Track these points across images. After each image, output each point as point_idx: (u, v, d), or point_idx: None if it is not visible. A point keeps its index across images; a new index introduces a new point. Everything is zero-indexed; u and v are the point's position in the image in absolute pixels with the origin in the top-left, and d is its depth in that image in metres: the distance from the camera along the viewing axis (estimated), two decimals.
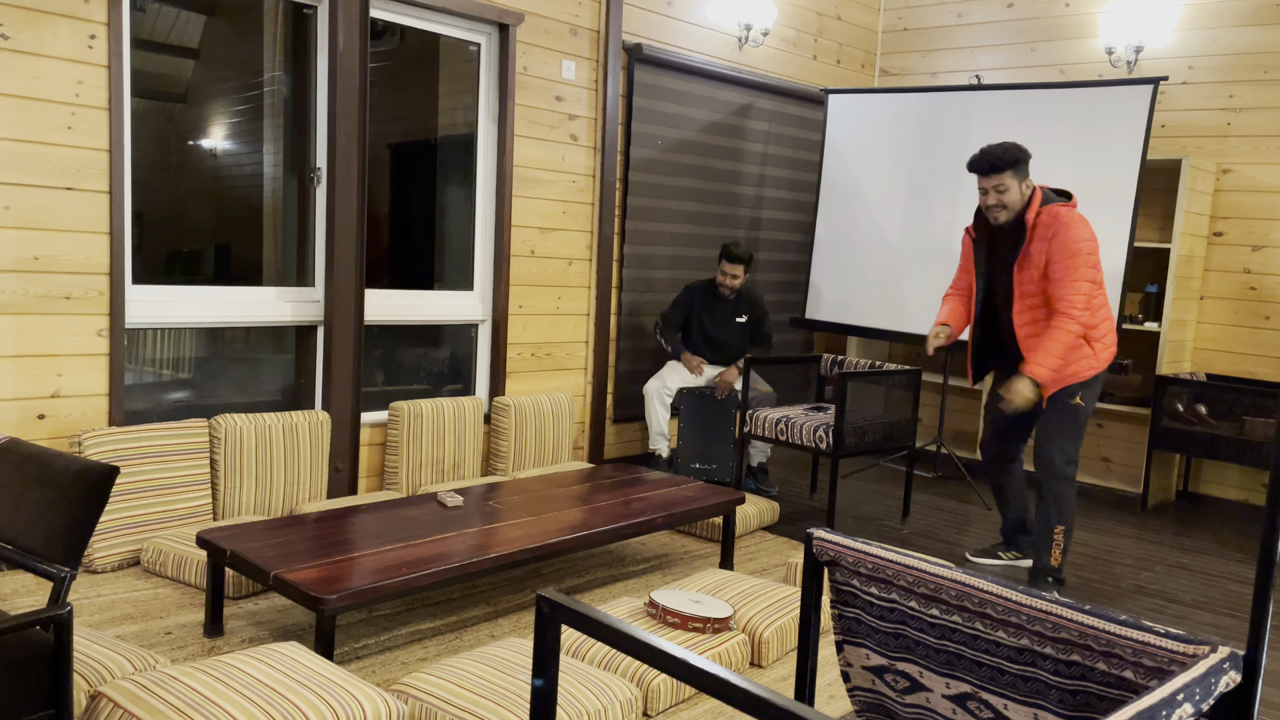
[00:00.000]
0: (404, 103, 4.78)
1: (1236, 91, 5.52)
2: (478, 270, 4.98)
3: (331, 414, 4.27)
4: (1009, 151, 3.66)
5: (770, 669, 3.10)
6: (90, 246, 3.63)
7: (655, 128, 5.51)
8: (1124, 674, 1.54)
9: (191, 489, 3.79)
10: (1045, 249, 3.66)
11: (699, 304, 5.24)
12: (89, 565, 3.51)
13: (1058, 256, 3.62)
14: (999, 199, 3.71)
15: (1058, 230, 3.63)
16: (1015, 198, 3.70)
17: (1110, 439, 6.01)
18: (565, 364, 5.30)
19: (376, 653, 3.03)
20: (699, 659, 1.27)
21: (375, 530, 3.20)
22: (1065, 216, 3.64)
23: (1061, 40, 6.16)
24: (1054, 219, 3.65)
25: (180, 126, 4.03)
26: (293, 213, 4.38)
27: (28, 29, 3.43)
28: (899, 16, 6.89)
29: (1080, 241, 3.60)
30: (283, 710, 2.18)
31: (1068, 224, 3.63)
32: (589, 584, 3.74)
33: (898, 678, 1.92)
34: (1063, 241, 3.61)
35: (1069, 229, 3.62)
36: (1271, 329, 5.44)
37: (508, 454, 4.84)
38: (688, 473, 5.13)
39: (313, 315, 4.35)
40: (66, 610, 1.97)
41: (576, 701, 2.46)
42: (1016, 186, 3.69)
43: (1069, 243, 3.60)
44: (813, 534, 1.96)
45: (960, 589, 1.72)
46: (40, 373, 3.56)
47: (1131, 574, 4.32)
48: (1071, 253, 3.60)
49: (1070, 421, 3.81)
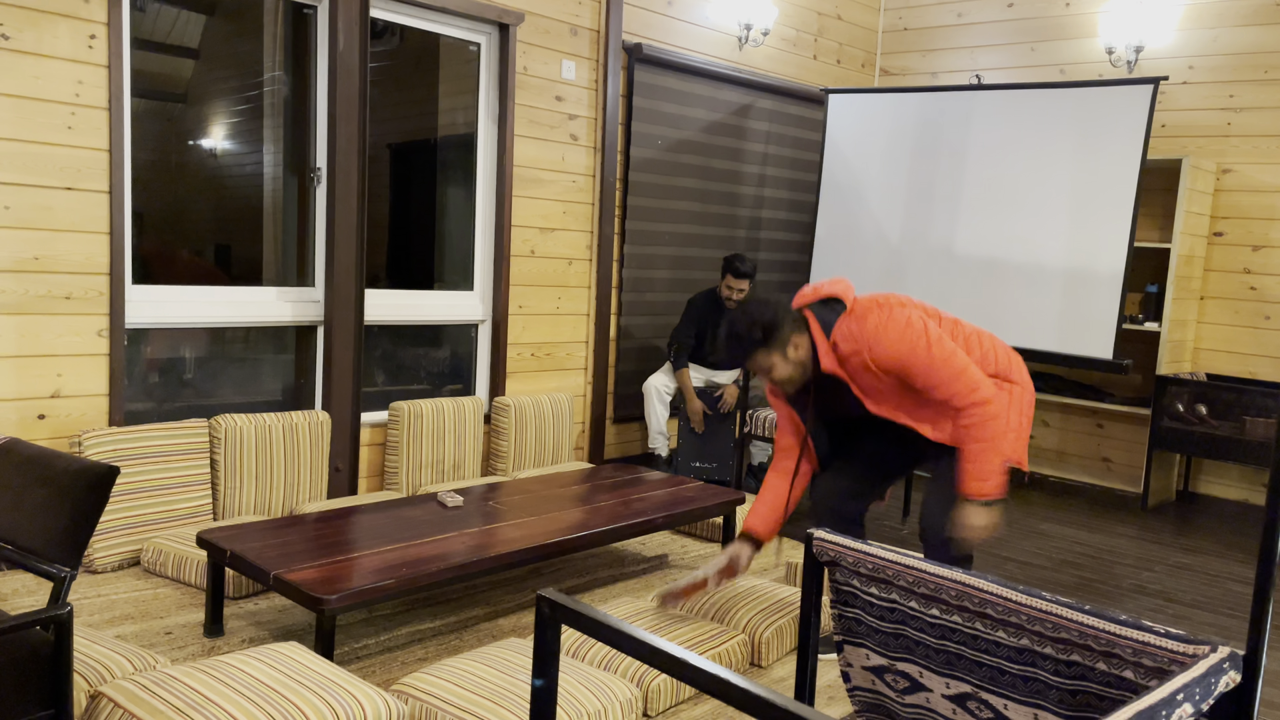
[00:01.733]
0: (404, 103, 4.78)
1: (1237, 91, 5.51)
2: (478, 270, 4.98)
3: (331, 414, 4.27)
4: (749, 333, 2.85)
5: (770, 669, 3.10)
6: (90, 246, 3.63)
7: (655, 128, 5.51)
8: (1124, 674, 1.54)
9: (191, 489, 3.79)
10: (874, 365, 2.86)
11: (702, 315, 5.25)
12: (89, 565, 3.51)
13: (897, 367, 2.83)
14: (773, 379, 2.93)
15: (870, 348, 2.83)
16: (787, 369, 2.89)
17: (1110, 439, 6.01)
18: (565, 364, 5.30)
19: (376, 653, 3.03)
20: (699, 659, 1.27)
21: (375, 530, 3.20)
22: (856, 335, 2.84)
23: (1061, 40, 6.16)
24: (851, 341, 2.85)
25: (180, 126, 4.03)
26: (293, 213, 4.38)
27: (28, 29, 3.43)
28: (899, 16, 6.89)
29: (902, 330, 2.81)
30: (283, 710, 2.18)
31: (868, 342, 2.83)
32: (589, 584, 3.74)
33: (898, 678, 1.92)
34: (886, 353, 2.81)
35: (881, 341, 2.82)
36: (1272, 329, 5.43)
37: (508, 454, 4.84)
38: (688, 472, 5.13)
39: (313, 315, 4.35)
40: (66, 610, 1.97)
41: (576, 701, 2.46)
42: (781, 358, 2.88)
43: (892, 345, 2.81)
44: (813, 534, 1.96)
45: (960, 589, 1.72)
46: (40, 373, 3.56)
47: (1131, 574, 4.32)
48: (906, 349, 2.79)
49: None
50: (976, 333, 3.02)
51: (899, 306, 2.86)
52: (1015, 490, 5.81)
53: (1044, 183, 5.18)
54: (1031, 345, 5.18)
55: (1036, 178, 5.21)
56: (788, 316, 2.90)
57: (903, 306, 2.87)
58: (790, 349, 2.88)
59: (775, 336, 2.86)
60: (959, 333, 3.00)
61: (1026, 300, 5.21)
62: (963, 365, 2.78)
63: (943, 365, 2.78)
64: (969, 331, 3.01)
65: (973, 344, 2.98)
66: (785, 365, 2.89)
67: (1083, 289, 5.04)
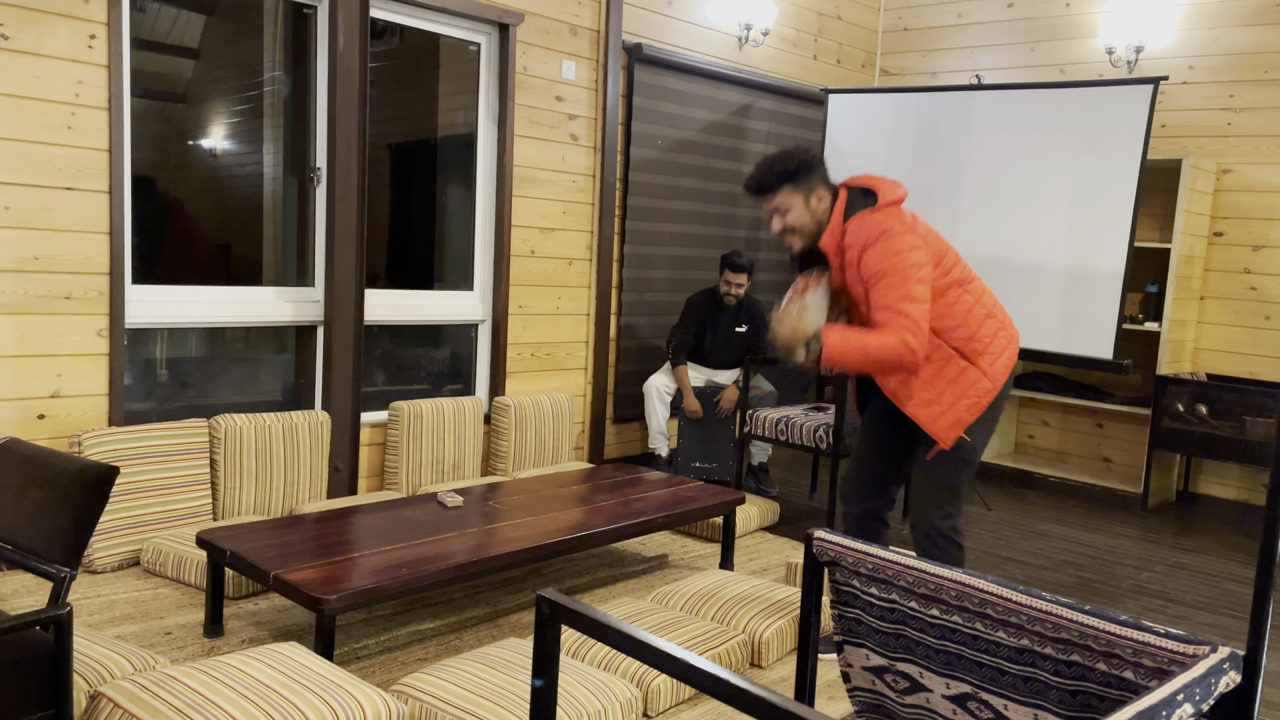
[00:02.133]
0: (404, 103, 4.78)
1: (1237, 91, 5.51)
2: (478, 270, 4.98)
3: (331, 414, 4.27)
4: (782, 162, 2.90)
5: (770, 669, 3.10)
6: (90, 246, 3.63)
7: (655, 128, 5.51)
8: (1124, 674, 1.54)
9: (191, 489, 3.79)
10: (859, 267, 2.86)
11: (701, 314, 5.25)
12: (89, 565, 3.51)
13: (870, 278, 2.81)
14: (783, 222, 2.94)
15: (862, 250, 2.82)
16: (802, 216, 2.91)
17: (1110, 439, 6.01)
18: (565, 364, 5.30)
19: (376, 653, 3.03)
20: (699, 659, 1.27)
21: (375, 530, 3.19)
22: (870, 230, 2.82)
23: (1061, 40, 6.16)
24: (858, 234, 2.84)
25: (180, 126, 4.03)
26: (293, 213, 4.38)
27: (28, 29, 3.43)
28: (899, 16, 6.89)
29: (893, 254, 2.77)
30: (283, 710, 2.18)
31: (871, 240, 2.81)
32: (589, 584, 3.74)
33: (898, 678, 1.92)
34: (871, 260, 2.80)
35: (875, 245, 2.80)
36: (1272, 329, 5.43)
37: (508, 454, 4.84)
38: (688, 472, 5.13)
39: (313, 315, 4.35)
40: (66, 610, 1.97)
41: (576, 702, 2.46)
42: (800, 203, 2.89)
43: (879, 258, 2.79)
44: (813, 534, 1.96)
45: (960, 589, 1.72)
46: (40, 373, 3.56)
47: (1131, 574, 4.32)
48: (885, 266, 2.77)
49: (953, 464, 2.92)
50: (979, 299, 2.92)
51: (910, 234, 2.80)
52: (1012, 493, 5.82)
53: (1044, 183, 5.18)
54: (1032, 345, 5.18)
55: (1036, 178, 5.21)
56: (824, 171, 2.93)
57: (916, 238, 2.80)
58: (813, 199, 2.89)
59: (805, 177, 2.88)
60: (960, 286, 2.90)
61: (1026, 300, 5.21)
62: (909, 313, 2.74)
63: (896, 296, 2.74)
64: (974, 294, 2.92)
65: (959, 307, 2.89)
66: (802, 213, 2.90)
67: (1083, 289, 5.04)
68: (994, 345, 2.90)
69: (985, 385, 2.87)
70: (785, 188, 2.89)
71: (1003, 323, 2.96)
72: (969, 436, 2.90)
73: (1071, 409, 6.16)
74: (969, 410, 2.86)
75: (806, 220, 2.91)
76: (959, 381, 2.86)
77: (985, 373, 2.87)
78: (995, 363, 2.89)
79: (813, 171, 2.89)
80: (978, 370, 2.87)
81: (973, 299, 2.91)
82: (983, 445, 2.95)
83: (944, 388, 2.87)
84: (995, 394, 2.89)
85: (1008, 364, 2.92)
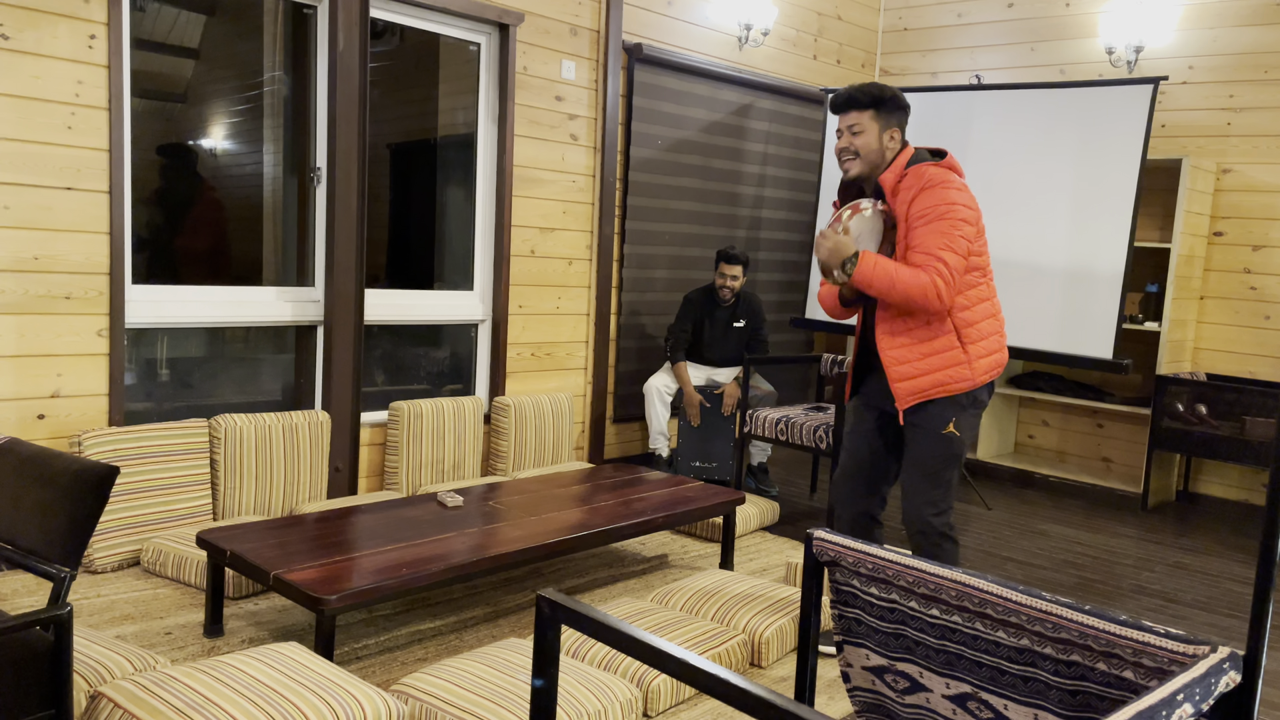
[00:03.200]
0: (404, 103, 4.78)
1: (1236, 91, 5.51)
2: (478, 270, 4.98)
3: (331, 414, 4.27)
4: (878, 88, 2.92)
5: (770, 669, 3.10)
6: (90, 246, 3.63)
7: (655, 127, 5.51)
8: (1124, 674, 1.54)
9: (191, 489, 3.79)
10: (906, 216, 2.88)
11: (699, 311, 5.25)
12: (89, 565, 3.51)
13: (917, 220, 2.83)
14: (850, 141, 2.94)
15: (919, 191, 2.84)
16: (872, 143, 2.92)
17: (1110, 439, 6.01)
18: (565, 364, 5.30)
19: (376, 653, 3.03)
20: (699, 659, 1.27)
21: (375, 530, 3.20)
22: (932, 175, 2.85)
23: (1061, 40, 6.16)
24: (918, 179, 2.86)
25: (180, 126, 4.03)
26: (293, 213, 4.38)
27: (28, 29, 3.43)
28: (899, 16, 6.89)
29: (947, 204, 2.80)
30: (283, 710, 2.18)
31: (932, 183, 2.83)
32: (589, 584, 3.74)
33: (898, 678, 1.92)
34: (924, 201, 2.82)
35: (934, 189, 2.82)
36: (1272, 329, 5.44)
37: (508, 454, 4.84)
38: (688, 472, 5.14)
39: (313, 315, 4.35)
40: (66, 610, 1.97)
41: (576, 702, 2.46)
42: (876, 132, 2.92)
43: (932, 201, 2.81)
44: (813, 534, 1.96)
45: (960, 589, 1.72)
46: (40, 373, 3.56)
47: (1131, 574, 4.32)
48: (934, 212, 2.80)
49: (941, 459, 2.94)
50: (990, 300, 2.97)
51: (967, 193, 2.86)
52: (1012, 493, 5.82)
53: (1044, 182, 5.18)
54: (1031, 345, 5.18)
55: (1036, 178, 5.21)
56: (906, 119, 2.97)
57: (971, 201, 2.86)
58: (887, 135, 2.93)
59: (892, 111, 2.92)
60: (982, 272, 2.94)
61: (1026, 300, 5.21)
62: (947, 260, 2.79)
63: (944, 237, 2.79)
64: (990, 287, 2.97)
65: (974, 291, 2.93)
66: (872, 140, 2.93)
67: (1083, 289, 5.04)
68: (987, 342, 2.94)
69: (963, 373, 2.89)
70: (870, 111, 2.92)
71: (1000, 327, 3.00)
72: (956, 430, 2.92)
73: (1071, 409, 6.16)
74: (935, 386, 2.89)
75: (874, 150, 2.94)
76: (940, 355, 2.89)
77: (969, 362, 2.90)
78: (981, 358, 2.92)
79: (900, 110, 2.94)
80: (965, 356, 2.90)
81: (989, 290, 2.96)
82: (968, 441, 2.97)
83: (925, 354, 2.90)
84: (970, 387, 2.91)
85: (991, 366, 2.95)
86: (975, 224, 2.86)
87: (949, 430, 2.91)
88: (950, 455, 2.94)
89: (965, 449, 2.96)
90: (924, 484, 2.96)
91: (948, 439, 2.92)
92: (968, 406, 2.94)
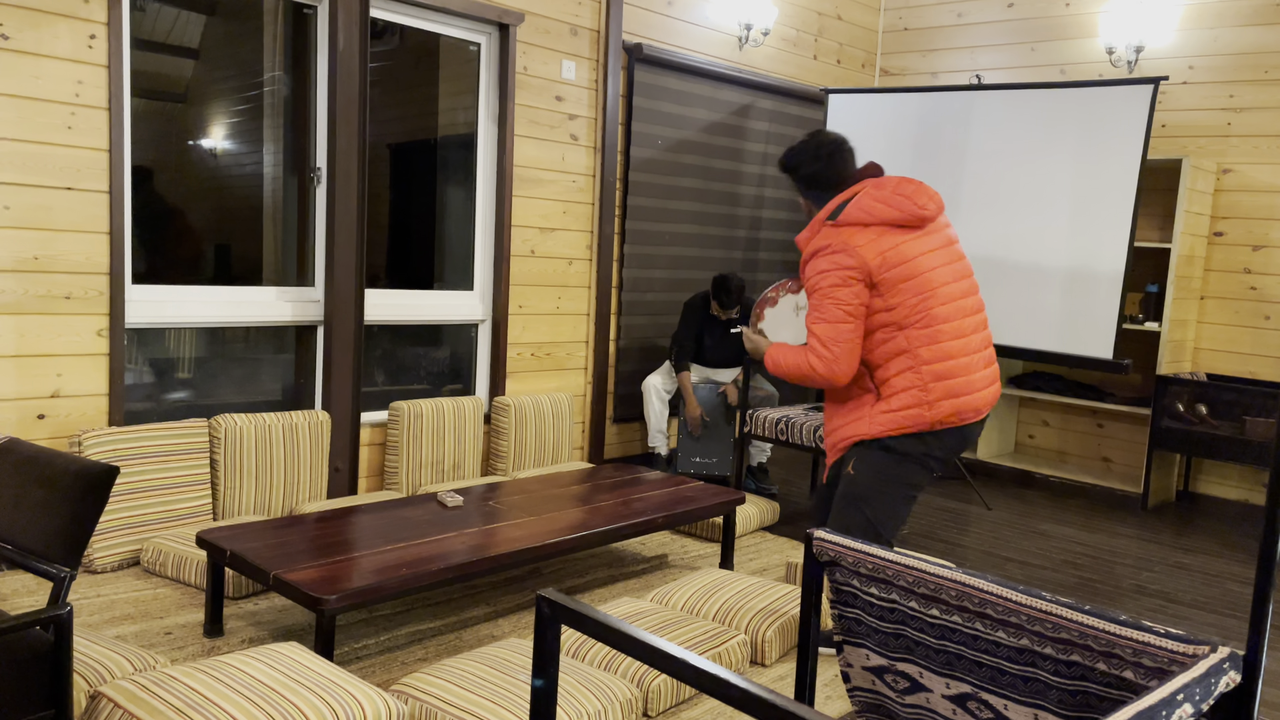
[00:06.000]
0: (404, 103, 4.78)
1: (1237, 91, 5.51)
2: (478, 270, 4.98)
3: (331, 414, 4.27)
4: (783, 157, 3.03)
5: (770, 669, 3.10)
6: (90, 246, 3.63)
7: (655, 128, 5.51)
8: (1124, 674, 1.54)
9: (191, 489, 3.79)
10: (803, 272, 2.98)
11: (701, 316, 5.25)
12: (89, 565, 3.51)
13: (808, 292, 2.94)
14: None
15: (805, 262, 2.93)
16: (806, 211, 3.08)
17: (1110, 439, 6.01)
18: (565, 364, 5.30)
19: (376, 653, 3.03)
20: (699, 659, 1.27)
21: (375, 530, 3.19)
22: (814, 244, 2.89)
23: (1061, 40, 6.16)
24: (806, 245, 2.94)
25: (180, 126, 4.03)
26: (293, 213, 4.38)
27: (28, 29, 3.43)
28: (899, 16, 6.89)
29: (817, 274, 2.83)
30: (283, 710, 2.18)
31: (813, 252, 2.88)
32: (589, 584, 3.74)
33: (898, 678, 1.92)
34: (806, 274, 2.91)
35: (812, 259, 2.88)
36: (1272, 329, 5.43)
37: (508, 454, 4.84)
38: (688, 469, 5.14)
39: (313, 315, 4.35)
40: (66, 610, 1.97)
41: (576, 702, 2.46)
42: (803, 202, 3.06)
43: (809, 275, 2.88)
44: (813, 534, 1.96)
45: (960, 589, 1.72)
46: (40, 373, 3.56)
47: (1131, 574, 4.32)
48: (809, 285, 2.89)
49: (842, 496, 2.97)
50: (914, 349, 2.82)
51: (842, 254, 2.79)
52: (1012, 493, 5.82)
53: (1044, 182, 5.18)
54: (1031, 345, 5.18)
55: (1036, 178, 5.21)
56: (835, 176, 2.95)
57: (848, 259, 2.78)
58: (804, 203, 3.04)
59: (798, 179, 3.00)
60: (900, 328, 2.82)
61: (1026, 300, 5.21)
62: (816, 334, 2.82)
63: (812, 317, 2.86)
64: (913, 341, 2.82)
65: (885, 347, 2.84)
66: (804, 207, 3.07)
67: (1083, 289, 5.04)
68: (901, 397, 2.84)
69: (861, 428, 2.91)
70: (794, 183, 3.05)
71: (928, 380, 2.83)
72: (853, 470, 2.94)
73: (1071, 409, 6.16)
74: (844, 440, 2.98)
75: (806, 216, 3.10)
76: (853, 411, 2.96)
77: (869, 417, 2.89)
78: (885, 413, 2.86)
79: (806, 177, 2.98)
80: (869, 411, 2.91)
81: (908, 341, 2.82)
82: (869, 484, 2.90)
83: (841, 410, 3.00)
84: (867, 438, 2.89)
85: (901, 421, 2.84)
86: (860, 281, 2.78)
87: (847, 470, 2.97)
88: (847, 494, 2.95)
89: (867, 493, 2.91)
90: (833, 518, 3.02)
91: (848, 478, 2.97)
92: (873, 449, 2.91)
